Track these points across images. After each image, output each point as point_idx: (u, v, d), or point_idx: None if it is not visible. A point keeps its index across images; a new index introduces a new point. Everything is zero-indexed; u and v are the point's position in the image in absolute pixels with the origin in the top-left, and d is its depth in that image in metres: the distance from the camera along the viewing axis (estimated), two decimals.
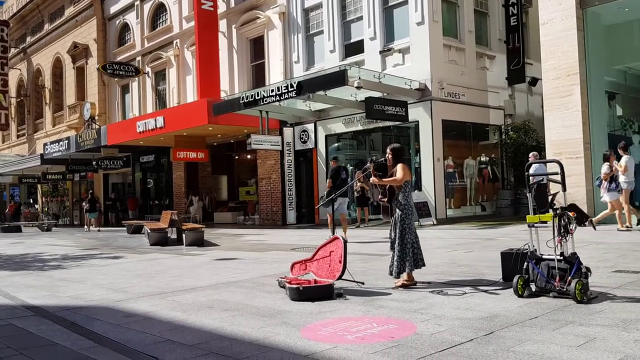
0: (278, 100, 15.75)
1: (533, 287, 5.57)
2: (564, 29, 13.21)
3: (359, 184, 15.99)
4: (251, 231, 17.84)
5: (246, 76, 21.40)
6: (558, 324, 4.49)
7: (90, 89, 29.95)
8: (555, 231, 5.50)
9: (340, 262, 6.28)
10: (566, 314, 4.79)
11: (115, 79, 27.92)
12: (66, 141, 25.83)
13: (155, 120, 20.29)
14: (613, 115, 15.61)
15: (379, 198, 6.62)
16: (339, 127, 18.24)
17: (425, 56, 15.88)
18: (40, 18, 35.06)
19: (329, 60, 18.17)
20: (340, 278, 6.26)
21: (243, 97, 16.54)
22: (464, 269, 7.59)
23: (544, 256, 5.59)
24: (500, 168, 18.26)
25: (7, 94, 36.30)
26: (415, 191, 15.42)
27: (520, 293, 5.50)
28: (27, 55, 36.53)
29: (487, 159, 18.17)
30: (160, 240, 14.28)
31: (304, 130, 19.21)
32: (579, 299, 5.12)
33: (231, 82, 21.75)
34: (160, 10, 25.97)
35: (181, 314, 5.57)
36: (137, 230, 19.02)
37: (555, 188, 5.84)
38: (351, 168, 18.27)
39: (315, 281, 6.33)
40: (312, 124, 18.93)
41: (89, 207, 24.37)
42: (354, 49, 17.85)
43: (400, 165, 6.43)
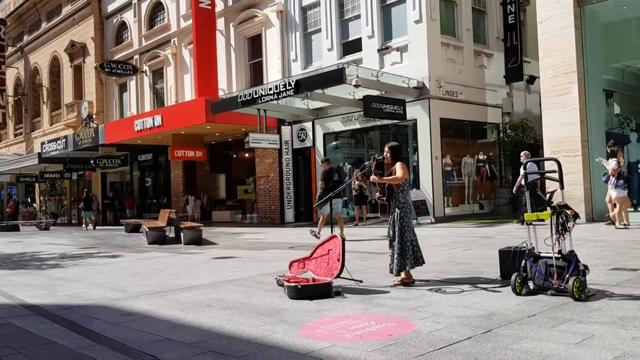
0: (276, 99, 15.73)
1: (531, 285, 5.58)
2: (561, 27, 13.23)
3: (357, 183, 16.00)
4: (249, 230, 17.83)
5: (244, 75, 21.38)
6: (556, 322, 4.50)
7: (87, 88, 29.90)
8: (553, 229, 5.51)
9: (338, 261, 6.28)
10: (564, 312, 4.80)
11: (113, 78, 27.86)
12: (64, 140, 25.79)
13: (153, 119, 20.29)
14: (611, 114, 15.62)
15: (378, 196, 6.61)
16: (337, 126, 18.24)
17: (423, 54, 15.88)
18: (38, 16, 34.97)
19: (327, 58, 18.16)
20: (338, 276, 6.26)
21: (241, 96, 16.52)
22: (462, 267, 7.60)
23: (541, 254, 5.60)
24: (498, 166, 18.28)
25: (5, 92, 36.25)
26: (414, 189, 15.43)
27: (518, 291, 5.51)
28: (25, 53, 36.45)
29: (485, 157, 18.18)
30: (159, 239, 14.27)
31: (302, 129, 19.21)
32: (576, 296, 5.14)
33: (229, 81, 21.72)
34: (157, 8, 25.93)
35: (179, 313, 5.57)
36: (135, 229, 19.02)
37: (553, 186, 5.85)
38: (349, 166, 18.29)
39: (313, 279, 6.33)
40: (310, 123, 18.92)
41: (84, 206, 24.38)
42: (351, 47, 17.84)
43: (399, 163, 6.44)
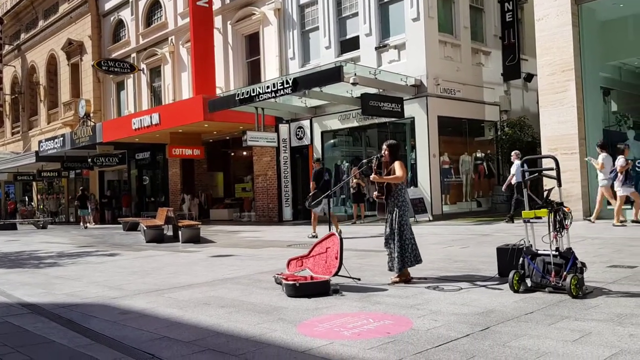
0: (274, 97, 15.72)
1: (529, 283, 5.59)
2: (559, 25, 13.23)
3: (355, 181, 16.00)
4: (247, 228, 17.83)
5: (241, 73, 21.36)
6: (553, 319, 4.51)
7: (85, 86, 29.84)
8: (551, 226, 5.52)
9: (336, 259, 6.28)
10: (562, 309, 4.81)
11: (110, 76, 27.81)
12: (61, 138, 25.76)
13: (151, 117, 20.27)
14: (608, 111, 15.62)
15: (376, 195, 6.61)
16: (334, 124, 18.23)
17: (421, 52, 15.88)
18: (35, 15, 34.87)
19: (324, 56, 18.14)
20: (336, 274, 6.26)
21: (238, 94, 16.51)
22: (459, 265, 7.61)
23: (539, 251, 5.61)
24: (495, 164, 18.30)
25: (2, 91, 36.16)
26: (411, 187, 15.45)
27: (515, 288, 5.51)
28: (22, 52, 36.36)
29: (483, 155, 18.19)
30: (156, 237, 14.26)
31: (300, 127, 19.20)
32: (574, 294, 5.15)
33: (226, 79, 21.70)
34: (155, 6, 25.87)
35: (177, 311, 5.57)
36: (133, 227, 19.01)
37: (550, 183, 5.86)
38: (347, 164, 18.29)
39: (311, 277, 6.33)
40: (308, 121, 18.91)
41: (79, 205, 24.39)
42: (349, 45, 17.83)
43: (398, 162, 6.44)
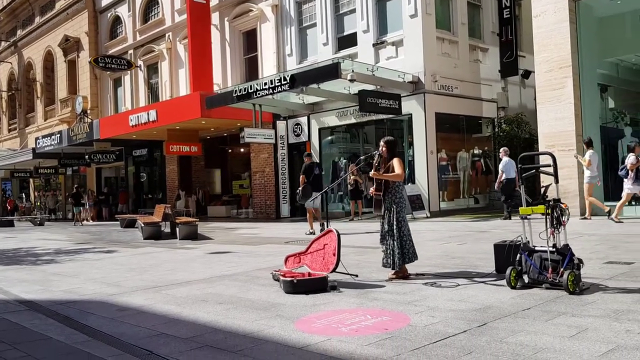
0: (271, 94, 15.71)
1: (526, 279, 5.60)
2: (556, 22, 13.24)
3: (352, 177, 16.00)
4: (245, 225, 17.83)
5: (239, 69, 21.32)
6: (550, 315, 4.52)
7: (82, 83, 29.76)
8: (548, 223, 5.53)
9: (334, 255, 6.29)
10: (558, 305, 4.83)
11: (107, 73, 27.75)
12: (58, 135, 25.69)
13: (148, 114, 20.20)
14: (605, 108, 15.65)
15: (373, 191, 6.61)
16: (332, 120, 18.22)
17: (419, 49, 15.87)
18: (31, 11, 34.75)
19: (322, 53, 18.12)
20: (334, 271, 6.27)
21: (236, 91, 16.49)
22: (457, 261, 7.63)
23: (536, 248, 5.62)
24: (493, 161, 18.30)
25: None
26: (409, 184, 15.46)
27: (513, 284, 5.53)
28: (18, 48, 36.23)
29: (480, 151, 18.21)
30: (154, 234, 14.26)
31: (297, 124, 19.18)
32: (571, 290, 5.16)
33: (224, 76, 21.66)
34: (152, 3, 25.79)
35: (175, 308, 5.57)
36: (131, 224, 19.00)
37: (547, 180, 5.87)
38: (345, 161, 18.29)
39: (309, 274, 6.33)
40: (306, 117, 18.90)
41: (73, 202, 24.39)
42: (347, 41, 17.81)
43: (396, 159, 6.45)
